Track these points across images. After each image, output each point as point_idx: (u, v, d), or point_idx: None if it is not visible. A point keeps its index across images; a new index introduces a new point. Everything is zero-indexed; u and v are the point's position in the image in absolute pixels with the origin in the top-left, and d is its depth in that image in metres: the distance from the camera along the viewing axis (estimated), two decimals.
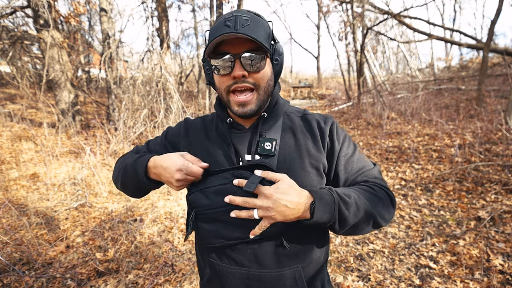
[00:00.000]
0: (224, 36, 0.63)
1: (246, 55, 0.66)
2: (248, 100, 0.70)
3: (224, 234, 0.70)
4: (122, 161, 0.86)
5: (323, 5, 17.17)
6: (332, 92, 15.68)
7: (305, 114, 0.83)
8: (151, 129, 5.08)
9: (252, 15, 0.68)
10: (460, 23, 25.93)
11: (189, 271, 2.23)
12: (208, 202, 0.69)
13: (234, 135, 0.77)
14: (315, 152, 0.75)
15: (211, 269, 0.76)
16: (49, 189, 3.61)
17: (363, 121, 7.76)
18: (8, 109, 6.84)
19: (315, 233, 0.77)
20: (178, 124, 0.89)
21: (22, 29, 7.19)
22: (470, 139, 4.70)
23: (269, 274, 0.71)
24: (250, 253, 0.72)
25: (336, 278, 2.12)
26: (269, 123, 0.76)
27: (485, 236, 2.46)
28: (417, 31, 8.92)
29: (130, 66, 8.11)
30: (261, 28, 0.68)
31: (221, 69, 0.68)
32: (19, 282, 2.03)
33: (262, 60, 0.68)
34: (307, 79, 24.34)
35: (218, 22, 0.68)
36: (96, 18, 13.08)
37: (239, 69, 0.67)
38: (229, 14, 0.68)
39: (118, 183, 0.85)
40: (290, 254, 0.72)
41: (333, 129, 0.78)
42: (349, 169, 0.77)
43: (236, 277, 0.73)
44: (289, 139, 0.76)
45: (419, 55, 19.64)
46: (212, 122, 0.85)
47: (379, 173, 0.80)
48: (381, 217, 0.71)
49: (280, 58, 0.73)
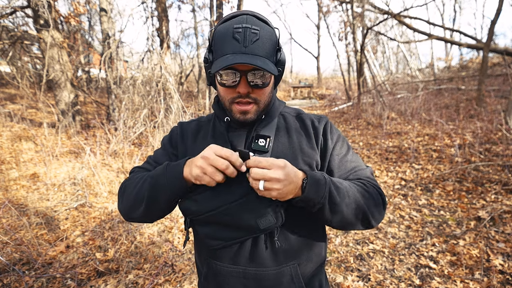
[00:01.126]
0: (234, 65, 0.64)
1: (253, 72, 0.67)
2: (248, 109, 0.72)
3: (222, 236, 0.69)
4: (135, 182, 0.75)
5: (323, 5, 17.18)
6: (332, 92, 15.69)
7: (299, 113, 0.85)
8: (151, 129, 5.08)
9: (260, 25, 0.68)
10: (460, 23, 25.95)
11: (189, 271, 2.23)
12: (197, 208, 0.68)
13: (231, 133, 0.79)
14: (308, 150, 0.77)
15: (209, 268, 0.77)
16: (49, 189, 3.61)
17: (363, 121, 7.76)
18: (8, 109, 6.84)
19: (311, 229, 0.77)
20: (173, 129, 0.88)
21: (22, 29, 7.19)
22: (470, 139, 4.70)
23: (265, 272, 0.72)
24: (246, 252, 0.73)
25: (336, 278, 2.12)
26: (264, 122, 0.78)
27: (485, 236, 2.46)
28: (417, 31, 8.92)
29: (130, 66, 8.12)
30: (269, 42, 0.68)
31: (226, 82, 0.69)
32: (19, 282, 2.03)
33: (267, 78, 0.70)
34: (307, 79, 24.35)
35: (226, 30, 0.67)
36: (96, 18, 13.09)
37: (245, 86, 0.68)
38: (237, 22, 0.67)
39: (140, 205, 0.72)
40: (286, 251, 0.73)
41: (327, 127, 0.80)
42: (342, 168, 0.78)
43: (233, 276, 0.73)
44: (283, 137, 0.78)
45: (419, 55, 19.64)
46: (208, 123, 0.85)
47: (371, 174, 0.81)
48: (371, 214, 0.71)
49: (282, 68, 0.74)
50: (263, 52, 0.66)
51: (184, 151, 0.82)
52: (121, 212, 0.77)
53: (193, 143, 0.82)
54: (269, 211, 0.65)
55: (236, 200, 0.65)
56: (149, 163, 0.85)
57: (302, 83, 15.85)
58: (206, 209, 0.67)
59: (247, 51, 0.65)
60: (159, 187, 0.69)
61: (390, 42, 16.95)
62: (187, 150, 0.81)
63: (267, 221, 0.65)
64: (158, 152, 0.87)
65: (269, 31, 0.70)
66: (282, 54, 0.73)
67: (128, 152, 4.67)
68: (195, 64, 13.23)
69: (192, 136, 0.83)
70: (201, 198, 0.67)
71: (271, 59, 0.69)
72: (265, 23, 0.70)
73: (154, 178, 0.71)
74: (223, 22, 0.70)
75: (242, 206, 0.65)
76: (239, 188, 0.65)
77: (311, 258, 0.77)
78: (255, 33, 0.66)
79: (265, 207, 0.65)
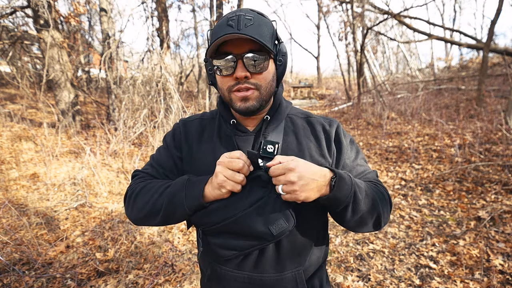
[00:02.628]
0: (227, 37, 0.62)
1: (249, 55, 0.65)
2: (249, 95, 0.69)
3: (234, 245, 0.68)
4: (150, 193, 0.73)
5: (323, 5, 17.19)
6: (332, 92, 15.69)
7: (308, 116, 0.83)
8: (151, 129, 5.08)
9: (255, 14, 0.68)
10: (460, 23, 25.96)
11: (189, 271, 2.23)
12: (209, 219, 0.67)
13: (238, 137, 0.76)
14: (317, 156, 0.76)
15: (212, 271, 0.76)
16: (49, 189, 3.61)
17: (363, 121, 7.76)
18: (8, 109, 6.84)
19: (316, 232, 0.77)
20: (175, 128, 0.85)
21: (22, 29, 7.18)
22: (470, 139, 4.70)
23: (270, 278, 0.72)
24: (253, 258, 0.72)
25: (336, 278, 2.12)
26: (272, 126, 0.76)
27: (485, 236, 2.46)
28: (417, 31, 8.92)
29: (130, 66, 8.12)
30: (265, 27, 0.67)
31: (223, 70, 0.68)
32: (19, 282, 2.03)
33: (265, 61, 0.67)
34: (307, 79, 24.35)
35: (221, 22, 0.67)
36: (96, 18, 13.08)
37: (242, 70, 0.66)
38: (232, 13, 0.67)
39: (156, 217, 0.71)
40: (291, 257, 0.73)
41: (339, 131, 0.80)
42: (353, 171, 0.78)
43: (237, 281, 0.73)
44: (292, 142, 0.76)
45: (419, 55, 19.64)
46: (212, 121, 0.83)
47: (377, 176, 0.83)
48: (383, 215, 0.72)
49: (283, 58, 0.72)
50: (258, 34, 0.64)
51: (189, 152, 0.79)
52: (132, 220, 0.76)
53: (198, 144, 0.79)
54: (280, 216, 0.64)
55: (246, 208, 0.64)
56: (153, 167, 0.81)
57: (302, 83, 15.86)
58: (218, 219, 0.66)
59: (241, 32, 0.62)
60: (177, 204, 0.68)
61: (390, 42, 16.96)
62: (192, 151, 0.79)
63: (279, 226, 0.64)
64: (161, 153, 0.83)
65: (265, 20, 0.69)
66: (282, 45, 0.72)
67: (128, 152, 4.67)
68: (195, 64, 13.23)
69: (196, 136, 0.80)
70: (213, 209, 0.67)
71: (268, 43, 0.66)
72: (261, 15, 0.70)
73: (172, 193, 0.69)
74: (220, 19, 0.71)
75: (253, 214, 0.64)
76: (249, 197, 0.65)
77: (314, 261, 0.77)
78: (249, 19, 0.65)
79: (275, 212, 0.64)
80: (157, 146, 4.64)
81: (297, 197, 0.60)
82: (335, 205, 0.64)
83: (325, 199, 0.63)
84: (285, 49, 0.73)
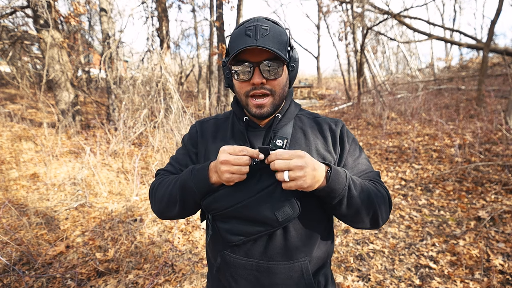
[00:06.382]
0: (246, 48, 0.69)
1: (265, 63, 0.71)
2: (264, 103, 0.75)
3: (242, 231, 0.73)
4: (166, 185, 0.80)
5: (323, 5, 17.19)
6: (332, 92, 15.70)
7: (316, 117, 0.89)
8: (151, 129, 5.08)
9: (271, 24, 0.74)
10: (460, 23, 25.91)
11: (189, 271, 2.23)
12: (219, 204, 0.72)
13: (250, 133, 0.82)
14: (324, 152, 0.81)
15: (222, 260, 0.79)
16: (49, 189, 3.61)
17: (363, 121, 7.76)
18: (8, 109, 6.85)
19: (322, 226, 0.81)
20: (192, 128, 0.92)
21: (22, 29, 7.18)
22: (470, 139, 4.70)
23: (278, 266, 0.75)
24: (261, 246, 0.76)
25: (336, 278, 2.12)
26: (282, 123, 0.82)
27: (485, 236, 2.46)
28: (417, 31, 8.92)
29: (130, 66, 8.12)
30: (279, 37, 0.73)
31: (241, 74, 0.74)
32: (19, 282, 2.03)
33: (279, 68, 0.73)
34: (307, 79, 24.35)
35: (239, 30, 0.73)
36: (96, 18, 13.08)
37: (258, 77, 0.72)
38: (249, 23, 0.73)
39: (175, 206, 0.78)
40: (298, 247, 0.76)
41: (344, 131, 0.85)
42: (355, 169, 0.82)
43: (246, 269, 0.77)
44: (300, 138, 0.82)
45: (419, 55, 19.65)
46: (226, 121, 0.89)
47: (379, 176, 0.86)
48: (380, 212, 0.74)
49: (295, 64, 0.79)
50: (274, 44, 0.70)
51: (204, 150, 0.85)
52: (156, 212, 0.84)
53: (213, 143, 0.85)
54: (286, 203, 0.69)
55: (254, 195, 0.69)
56: (172, 165, 0.90)
57: (302, 83, 15.87)
58: (227, 205, 0.71)
59: (258, 43, 0.69)
60: (188, 189, 0.74)
61: (390, 42, 16.96)
62: (208, 149, 0.85)
63: (284, 213, 0.69)
64: (179, 152, 0.91)
65: (280, 29, 0.75)
66: (294, 52, 0.78)
67: (128, 152, 4.67)
68: (195, 64, 13.24)
69: (211, 136, 0.87)
70: (222, 195, 0.72)
71: (282, 52, 0.72)
72: (276, 24, 0.76)
73: (182, 181, 0.76)
74: (238, 27, 0.76)
75: (260, 200, 0.69)
76: (256, 184, 0.70)
77: (320, 255, 0.81)
78: (266, 29, 0.71)
79: (281, 200, 0.69)
80: (157, 146, 4.64)
81: (302, 184, 0.63)
82: (331, 197, 0.68)
83: (321, 190, 0.67)
84: (297, 55, 0.79)
